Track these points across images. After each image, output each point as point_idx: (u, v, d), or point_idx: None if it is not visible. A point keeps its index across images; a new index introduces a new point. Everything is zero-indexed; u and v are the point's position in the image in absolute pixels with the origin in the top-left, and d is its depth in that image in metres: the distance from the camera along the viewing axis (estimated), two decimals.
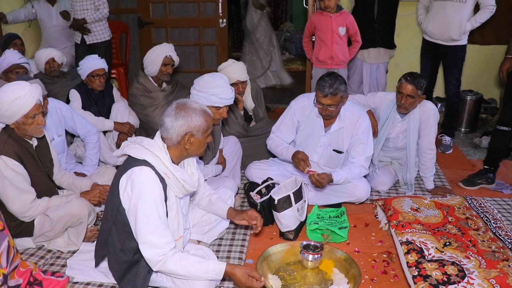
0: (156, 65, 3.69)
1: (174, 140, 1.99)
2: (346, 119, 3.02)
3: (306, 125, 3.14)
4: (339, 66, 4.17)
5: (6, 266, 1.89)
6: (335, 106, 2.86)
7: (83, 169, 3.18)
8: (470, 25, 3.97)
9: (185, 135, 1.98)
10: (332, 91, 2.78)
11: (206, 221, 2.55)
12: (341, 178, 2.89)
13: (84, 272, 2.33)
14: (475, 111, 4.83)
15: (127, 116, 3.75)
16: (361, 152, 3.00)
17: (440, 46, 4.12)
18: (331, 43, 4.07)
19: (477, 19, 3.95)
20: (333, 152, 3.10)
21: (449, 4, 3.94)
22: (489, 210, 2.76)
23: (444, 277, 2.07)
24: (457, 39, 4.01)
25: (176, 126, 1.96)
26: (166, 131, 1.99)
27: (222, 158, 3.30)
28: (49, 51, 3.89)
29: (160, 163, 1.96)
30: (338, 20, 4.03)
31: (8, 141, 2.34)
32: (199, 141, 2.03)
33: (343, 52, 4.15)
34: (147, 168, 1.93)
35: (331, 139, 3.08)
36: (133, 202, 1.92)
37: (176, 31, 5.37)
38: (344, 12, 4.10)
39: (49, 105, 2.98)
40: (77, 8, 4.49)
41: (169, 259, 1.93)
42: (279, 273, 2.37)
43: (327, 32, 4.06)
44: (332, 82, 2.78)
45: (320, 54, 4.16)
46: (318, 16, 4.13)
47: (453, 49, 4.08)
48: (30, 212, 2.39)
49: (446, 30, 3.99)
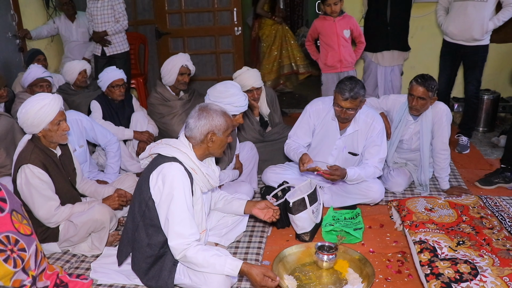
0: (173, 75, 3.79)
1: (198, 139, 2.16)
2: (361, 122, 3.07)
3: (322, 128, 3.19)
4: (348, 68, 4.25)
5: (35, 269, 2.00)
6: (354, 110, 2.92)
7: (105, 177, 3.30)
8: (493, 24, 3.91)
9: (208, 134, 2.15)
10: (352, 94, 2.84)
11: (223, 224, 2.63)
12: (354, 173, 2.93)
13: (107, 274, 2.43)
14: (493, 110, 4.79)
15: (146, 125, 3.87)
16: (375, 154, 3.05)
17: (461, 46, 4.06)
18: (338, 46, 4.13)
19: (500, 18, 3.90)
20: (348, 154, 3.15)
21: (470, 3, 3.89)
22: (504, 209, 2.76)
23: (457, 275, 2.09)
24: (479, 38, 3.96)
25: (199, 125, 2.14)
26: (190, 130, 2.17)
27: (238, 163, 3.37)
28: (83, 63, 4.05)
29: (188, 159, 2.13)
30: (342, 23, 4.11)
31: (34, 151, 2.47)
32: (220, 140, 2.19)
33: (350, 54, 4.24)
34: (176, 163, 2.10)
35: (346, 142, 3.13)
36: (164, 194, 2.07)
37: (193, 40, 5.49)
38: (346, 15, 4.17)
39: (70, 118, 3.09)
40: (98, 21, 4.62)
41: (192, 249, 2.05)
42: (294, 274, 2.42)
43: (332, 36, 4.13)
44: (352, 86, 2.85)
45: (329, 59, 4.22)
46: (321, 21, 4.19)
47: (474, 49, 4.03)
48: (55, 218, 2.51)
49: (468, 30, 3.94)
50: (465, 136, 4.31)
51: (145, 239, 2.19)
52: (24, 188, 2.43)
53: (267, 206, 2.50)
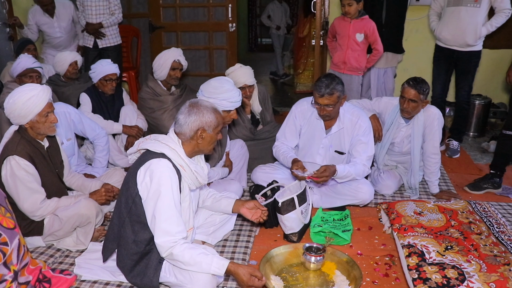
0: (165, 69, 3.75)
1: (188, 135, 2.13)
2: (346, 120, 3.06)
3: (308, 128, 3.19)
4: (352, 72, 4.15)
5: (17, 263, 1.96)
6: (332, 106, 2.91)
7: (93, 170, 3.26)
8: (486, 30, 3.91)
9: (198, 130, 2.13)
10: (328, 91, 2.84)
11: (211, 222, 2.61)
12: (344, 169, 2.92)
13: (91, 270, 2.39)
14: (483, 116, 4.82)
15: (136, 119, 3.83)
16: (362, 152, 3.04)
17: (454, 52, 4.05)
18: (346, 48, 4.07)
19: (493, 23, 3.89)
20: (335, 153, 3.14)
21: (463, 9, 3.89)
22: (492, 215, 2.76)
23: (444, 280, 2.09)
24: (472, 44, 3.95)
25: (189, 121, 2.11)
26: (180, 127, 2.14)
27: (228, 161, 3.35)
28: (74, 55, 3.98)
29: (176, 155, 2.10)
30: (357, 26, 4.00)
31: (21, 142, 2.42)
32: (210, 137, 2.17)
33: (357, 59, 4.09)
34: (165, 160, 2.07)
35: (332, 141, 3.13)
36: (152, 191, 2.03)
37: (187, 35, 5.45)
38: (366, 18, 4.02)
39: (58, 110, 3.04)
40: (92, 12, 4.53)
41: (178, 247, 2.02)
42: (281, 275, 2.40)
43: (344, 37, 4.07)
44: (328, 83, 2.85)
45: (335, 57, 4.20)
46: (339, 21, 4.14)
47: (467, 55, 4.02)
48: (40, 212, 2.47)
49: (461, 35, 3.93)
50: (456, 140, 4.33)
51: (131, 235, 2.16)
52: (9, 180, 2.38)
53: (256, 206, 2.48)
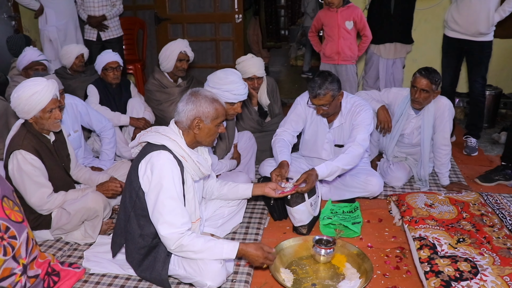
0: (171, 61, 3.72)
1: (185, 123, 2.10)
2: (346, 112, 3.01)
3: (312, 122, 3.15)
4: (346, 62, 4.12)
5: (26, 257, 1.95)
6: (327, 106, 2.84)
7: (100, 163, 3.24)
8: (499, 16, 3.78)
9: (194, 120, 2.08)
10: (320, 91, 2.77)
11: (219, 215, 2.59)
12: (325, 168, 2.68)
13: (100, 264, 2.39)
14: (494, 106, 4.75)
15: (143, 111, 3.81)
16: (357, 134, 2.86)
17: (465, 42, 3.93)
18: (338, 38, 4.02)
19: (505, 9, 3.75)
20: (335, 147, 3.10)
21: None
22: (505, 207, 2.72)
23: (457, 273, 2.05)
24: (485, 32, 3.83)
25: (186, 110, 2.08)
26: (177, 114, 2.13)
27: (236, 153, 3.32)
28: (80, 47, 3.96)
29: (177, 146, 2.06)
30: (345, 14, 3.98)
31: (27, 136, 2.40)
32: (208, 128, 2.12)
33: (350, 48, 4.07)
34: (165, 151, 2.04)
35: (335, 135, 3.09)
36: (153, 184, 2.00)
37: (193, 26, 5.41)
38: (352, 5, 4.01)
39: (65, 101, 3.04)
40: (94, 5, 4.51)
41: (187, 237, 2.00)
42: (291, 267, 2.38)
43: (333, 27, 4.02)
44: (321, 82, 2.77)
45: (327, 49, 4.14)
46: (324, 12, 4.10)
47: (479, 45, 3.89)
48: (48, 206, 2.45)
49: (474, 23, 3.80)
50: (474, 137, 4.13)
51: (137, 230, 2.13)
52: (16, 174, 2.37)
53: (278, 187, 2.51)
